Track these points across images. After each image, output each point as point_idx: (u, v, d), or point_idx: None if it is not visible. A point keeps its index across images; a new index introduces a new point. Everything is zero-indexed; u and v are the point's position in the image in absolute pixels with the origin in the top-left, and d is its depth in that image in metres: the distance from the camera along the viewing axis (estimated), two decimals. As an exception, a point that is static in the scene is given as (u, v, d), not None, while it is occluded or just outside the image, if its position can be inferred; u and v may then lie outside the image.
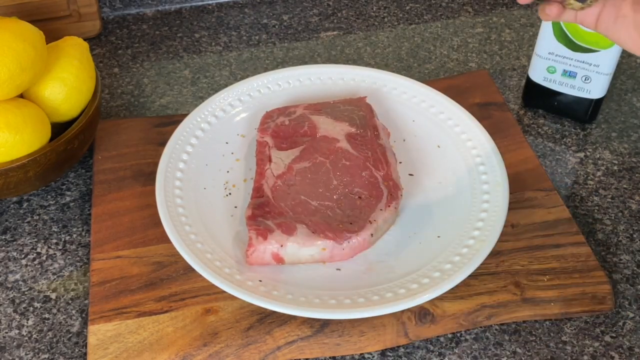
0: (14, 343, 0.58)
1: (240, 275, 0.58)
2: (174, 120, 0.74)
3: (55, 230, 0.67)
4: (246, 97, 0.75)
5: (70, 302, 0.61)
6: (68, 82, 0.66)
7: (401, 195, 0.64)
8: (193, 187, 0.66)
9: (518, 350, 0.58)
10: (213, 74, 0.85)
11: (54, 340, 0.59)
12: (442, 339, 0.59)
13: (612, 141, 0.77)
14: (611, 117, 0.80)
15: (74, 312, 0.61)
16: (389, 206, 0.62)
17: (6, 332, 0.59)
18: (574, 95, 0.76)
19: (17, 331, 0.59)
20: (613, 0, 0.50)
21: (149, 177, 0.68)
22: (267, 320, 0.58)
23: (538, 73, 0.77)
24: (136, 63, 0.87)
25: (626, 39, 0.50)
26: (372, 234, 0.60)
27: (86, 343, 0.58)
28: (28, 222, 0.68)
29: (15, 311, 0.61)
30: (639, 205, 0.70)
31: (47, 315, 0.60)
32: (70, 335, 0.59)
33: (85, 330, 0.59)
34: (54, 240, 0.66)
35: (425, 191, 0.67)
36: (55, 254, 0.65)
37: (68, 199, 0.70)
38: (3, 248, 0.66)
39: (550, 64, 0.75)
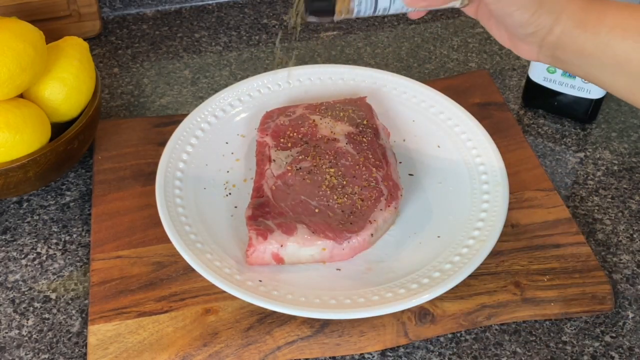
0: (14, 343, 0.58)
1: (240, 275, 0.58)
2: (174, 120, 0.74)
3: (55, 230, 0.67)
4: (246, 97, 0.75)
5: (70, 302, 0.61)
6: (68, 82, 0.66)
7: (401, 195, 0.64)
8: (193, 187, 0.66)
9: (518, 350, 0.58)
10: (213, 74, 0.85)
11: (54, 340, 0.59)
12: (442, 339, 0.59)
13: (612, 141, 0.77)
14: (611, 117, 0.80)
15: (74, 312, 0.61)
16: (389, 206, 0.62)
17: (6, 332, 0.59)
18: (574, 95, 0.76)
19: (17, 331, 0.59)
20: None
21: (149, 177, 0.68)
22: (267, 320, 0.58)
23: (538, 73, 0.77)
24: (136, 63, 0.87)
25: (499, 36, 0.54)
26: (372, 234, 0.60)
27: (86, 343, 0.58)
28: (28, 222, 0.68)
29: (15, 311, 0.61)
30: (639, 205, 0.70)
31: (47, 315, 0.60)
32: (70, 335, 0.59)
33: (85, 330, 0.59)
34: (54, 240, 0.66)
35: (425, 191, 0.67)
36: (55, 254, 0.65)
37: (68, 199, 0.70)
38: (3, 248, 0.66)
39: (550, 64, 0.75)
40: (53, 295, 0.62)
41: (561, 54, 0.50)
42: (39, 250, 0.65)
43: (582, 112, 0.77)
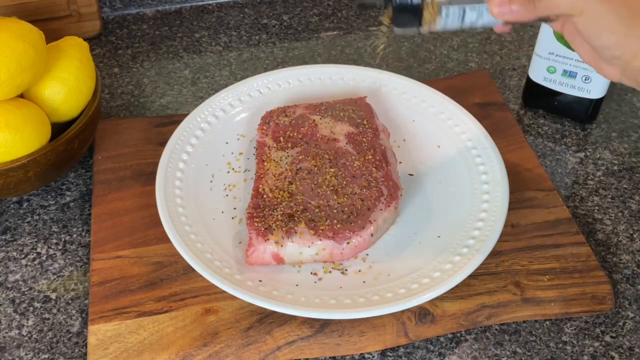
0: (14, 343, 0.58)
1: (240, 275, 0.58)
2: (174, 120, 0.74)
3: (55, 230, 0.67)
4: (246, 97, 0.75)
5: (70, 302, 0.61)
6: (68, 82, 0.66)
7: (401, 195, 0.64)
8: (193, 187, 0.66)
9: (518, 350, 0.58)
10: (213, 74, 0.85)
11: (54, 340, 0.59)
12: (442, 339, 0.59)
13: (612, 141, 0.77)
14: (611, 117, 0.80)
15: (74, 312, 0.61)
16: (389, 206, 0.62)
17: (6, 332, 0.59)
18: (574, 95, 0.76)
19: (17, 331, 0.59)
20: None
21: (149, 177, 0.68)
22: (267, 320, 0.58)
23: (538, 73, 0.77)
24: (136, 63, 0.87)
25: (583, 53, 0.53)
26: (372, 234, 0.60)
27: (86, 343, 0.58)
28: (28, 222, 0.68)
29: (15, 311, 0.61)
30: (639, 205, 0.70)
31: (47, 315, 0.60)
32: (70, 335, 0.59)
33: (85, 330, 0.59)
34: (54, 240, 0.66)
35: (425, 191, 0.67)
36: (55, 254, 0.65)
37: (68, 199, 0.70)
38: (3, 248, 0.66)
39: (550, 64, 0.75)
40: (53, 295, 0.62)
41: None
42: (39, 250, 0.65)
43: (582, 112, 0.77)
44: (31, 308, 0.61)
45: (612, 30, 0.48)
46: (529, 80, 0.78)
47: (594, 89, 0.75)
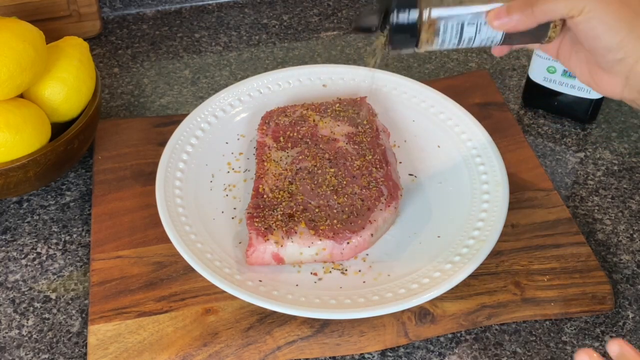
0: (14, 343, 0.58)
1: (240, 275, 0.58)
2: (174, 120, 0.74)
3: (55, 230, 0.67)
4: (246, 97, 0.75)
5: (70, 302, 0.61)
6: (68, 82, 0.66)
7: (401, 195, 0.64)
8: (193, 187, 0.66)
9: (518, 350, 0.58)
10: (213, 74, 0.85)
11: (54, 340, 0.59)
12: (442, 339, 0.59)
13: (612, 141, 0.77)
14: (611, 117, 0.80)
15: (74, 312, 0.61)
16: (389, 206, 0.62)
17: (6, 332, 0.59)
18: (574, 95, 0.76)
19: (17, 331, 0.59)
20: (569, 37, 0.53)
21: (149, 177, 0.68)
22: (267, 320, 0.58)
23: (538, 73, 0.77)
24: (136, 63, 0.87)
25: (579, 71, 0.52)
26: (372, 234, 0.60)
27: (86, 343, 0.58)
28: (28, 222, 0.68)
29: (15, 311, 0.61)
30: (639, 205, 0.70)
31: (47, 315, 0.60)
32: (70, 335, 0.59)
33: (85, 330, 0.59)
34: (54, 240, 0.66)
35: (425, 191, 0.67)
36: (55, 254, 0.65)
37: (68, 199, 0.70)
38: (3, 248, 0.66)
39: (550, 64, 0.75)
40: (53, 295, 0.62)
41: None
42: (39, 250, 0.65)
43: (582, 112, 0.77)
44: (31, 308, 0.61)
45: (614, 30, 0.46)
46: (529, 80, 0.78)
47: (594, 89, 0.75)
